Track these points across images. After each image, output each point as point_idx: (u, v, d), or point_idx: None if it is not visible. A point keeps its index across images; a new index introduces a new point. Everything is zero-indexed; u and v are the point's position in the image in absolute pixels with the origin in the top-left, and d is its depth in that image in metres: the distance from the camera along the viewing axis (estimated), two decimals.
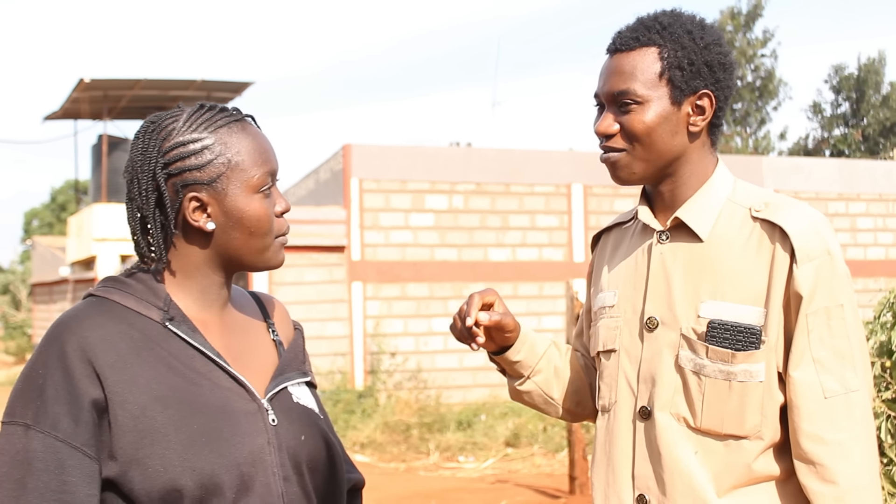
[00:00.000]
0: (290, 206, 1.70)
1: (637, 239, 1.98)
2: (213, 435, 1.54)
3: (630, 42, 1.86)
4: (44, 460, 1.48)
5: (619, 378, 1.91)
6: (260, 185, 1.65)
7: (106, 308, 1.60)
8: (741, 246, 1.82)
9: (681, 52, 1.84)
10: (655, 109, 1.84)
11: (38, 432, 1.49)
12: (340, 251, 12.88)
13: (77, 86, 19.05)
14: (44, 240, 28.22)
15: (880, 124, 34.83)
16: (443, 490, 8.88)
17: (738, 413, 1.79)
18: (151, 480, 1.49)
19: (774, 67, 35.11)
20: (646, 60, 1.85)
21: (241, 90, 20.15)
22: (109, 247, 18.34)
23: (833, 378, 1.75)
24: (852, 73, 35.93)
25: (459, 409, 12.26)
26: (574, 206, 13.91)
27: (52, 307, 23.16)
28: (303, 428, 1.68)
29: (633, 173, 1.89)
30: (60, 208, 47.98)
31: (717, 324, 1.79)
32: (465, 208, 13.47)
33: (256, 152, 1.66)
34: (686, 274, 1.85)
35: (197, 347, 1.61)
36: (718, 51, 1.86)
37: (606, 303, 1.98)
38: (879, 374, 4.00)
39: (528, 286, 13.55)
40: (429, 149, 14.19)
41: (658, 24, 1.86)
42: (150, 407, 1.52)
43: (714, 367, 1.79)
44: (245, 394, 1.62)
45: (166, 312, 1.61)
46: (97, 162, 20.39)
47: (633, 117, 1.85)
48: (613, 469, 1.89)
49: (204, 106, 1.68)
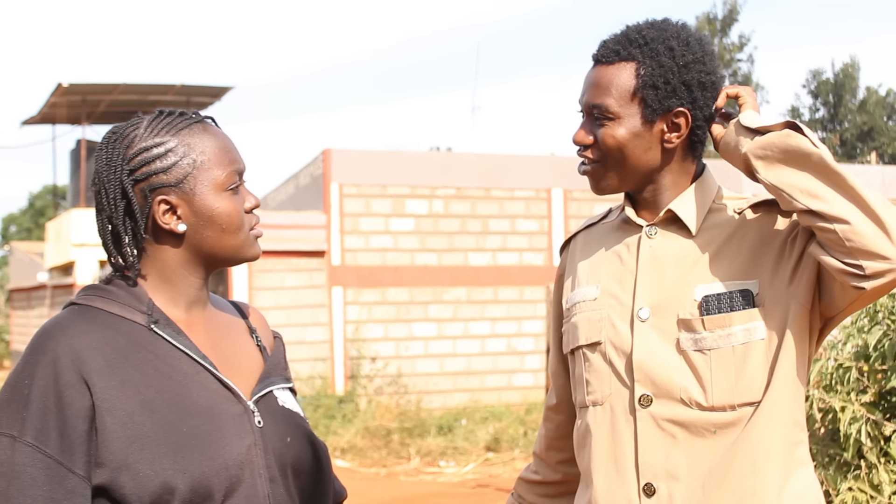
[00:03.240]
0: (259, 202, 1.72)
1: (616, 236, 2.00)
2: (202, 438, 1.54)
3: (611, 55, 1.88)
4: (31, 475, 1.47)
5: (609, 370, 1.91)
6: (228, 183, 1.66)
7: (90, 315, 1.59)
8: (729, 238, 1.89)
9: (657, 71, 1.85)
10: (627, 126, 1.87)
11: (24, 445, 1.47)
12: (321, 256, 12.86)
13: (55, 90, 18.93)
14: (21, 245, 28.03)
15: (858, 129, 35.11)
16: (424, 495, 8.87)
17: (747, 378, 1.82)
18: (143, 485, 1.49)
19: (751, 72, 35.33)
20: (622, 76, 1.87)
21: (221, 95, 20.08)
22: (88, 252, 18.22)
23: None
24: (829, 78, 36.20)
25: (440, 413, 12.25)
26: (554, 210, 13.93)
27: (30, 313, 23.00)
28: (288, 430, 1.68)
29: (609, 185, 1.94)
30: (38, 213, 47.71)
31: (710, 296, 1.85)
32: (445, 213, 13.48)
33: (221, 151, 1.67)
34: (677, 265, 1.89)
35: (182, 350, 1.61)
36: (700, 69, 1.87)
37: (587, 297, 1.98)
38: (857, 378, 4.03)
39: (509, 290, 13.56)
40: (409, 153, 14.20)
41: (641, 39, 1.87)
42: (138, 412, 1.52)
43: (713, 336, 1.83)
44: (231, 396, 1.62)
45: (150, 316, 1.61)
46: (75, 167, 20.26)
47: (605, 132, 1.88)
48: (615, 461, 1.89)
49: (163, 112, 1.68)
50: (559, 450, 2.17)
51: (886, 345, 3.96)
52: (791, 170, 1.76)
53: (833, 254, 1.73)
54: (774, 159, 1.77)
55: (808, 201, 1.74)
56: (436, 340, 13.32)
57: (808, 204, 1.74)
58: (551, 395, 2.19)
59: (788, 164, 1.76)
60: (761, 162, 1.79)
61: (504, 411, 12.28)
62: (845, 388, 3.99)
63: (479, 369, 13.41)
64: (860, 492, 3.74)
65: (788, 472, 1.84)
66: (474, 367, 13.45)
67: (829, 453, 4.06)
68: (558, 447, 2.17)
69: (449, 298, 13.40)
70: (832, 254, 1.73)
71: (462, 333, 13.43)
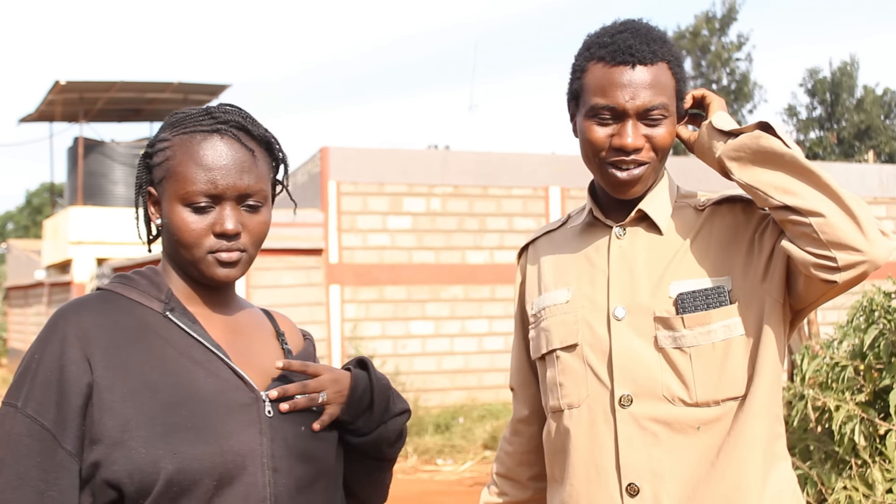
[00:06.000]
0: (232, 230, 1.65)
1: (583, 238, 2.01)
2: (200, 422, 1.56)
3: (649, 56, 1.86)
4: (27, 445, 1.52)
5: (586, 372, 1.91)
6: (188, 201, 1.63)
7: (108, 298, 1.65)
8: (696, 236, 1.92)
9: (679, 68, 1.91)
10: (674, 122, 1.91)
11: (24, 416, 1.53)
12: (318, 254, 12.86)
13: (53, 88, 18.92)
14: (19, 243, 28.02)
15: (855, 127, 35.11)
16: (421, 493, 8.88)
17: (730, 373, 1.84)
18: (133, 462, 1.51)
19: (749, 71, 35.38)
20: (666, 74, 1.88)
21: (219, 93, 20.07)
22: (85, 250, 18.22)
23: None
24: (826, 76, 36.20)
25: (437, 411, 12.27)
26: (551, 208, 13.94)
27: (27, 311, 22.99)
28: (303, 420, 1.68)
29: (647, 186, 1.93)
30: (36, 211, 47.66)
31: (686, 294, 1.86)
32: (442, 211, 13.48)
33: (199, 167, 1.64)
34: (649, 263, 1.91)
35: (195, 337, 1.64)
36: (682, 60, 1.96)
37: (557, 300, 1.99)
38: (853, 377, 4.04)
39: (506, 289, 13.56)
40: (406, 151, 14.19)
41: (659, 38, 1.89)
42: (140, 391, 1.55)
43: (693, 334, 1.85)
44: (241, 385, 1.63)
45: (167, 304, 1.65)
46: (73, 164, 20.24)
47: (665, 131, 1.88)
48: (595, 463, 1.88)
49: (194, 110, 1.71)
50: (530, 464, 2.15)
51: (882, 344, 3.97)
52: (764, 169, 1.79)
53: (806, 248, 1.75)
54: (748, 160, 1.81)
55: (783, 197, 1.77)
56: (433, 338, 13.33)
57: (784, 200, 1.77)
58: (520, 407, 2.16)
59: (761, 164, 1.80)
60: (735, 163, 1.82)
61: (501, 409, 12.29)
62: (841, 386, 4.00)
63: (476, 367, 13.42)
64: (854, 490, 3.75)
65: (769, 466, 1.86)
66: (472, 365, 13.46)
67: (824, 451, 4.07)
68: (529, 461, 2.15)
69: (446, 296, 13.40)
70: (805, 248, 1.75)
71: (459, 331, 13.44)
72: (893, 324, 4.00)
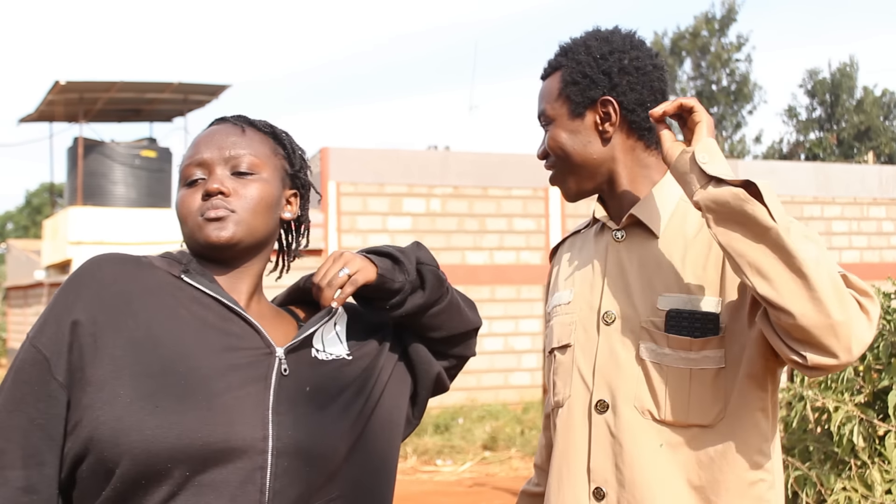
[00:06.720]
0: (216, 188, 1.67)
1: (595, 241, 2.03)
2: (197, 378, 1.54)
3: (546, 70, 2.00)
4: (27, 372, 1.57)
5: (573, 372, 1.93)
6: (185, 178, 1.72)
7: (133, 258, 1.68)
8: (694, 240, 1.87)
9: (576, 68, 1.93)
10: (560, 125, 1.95)
11: (31, 346, 1.58)
12: (318, 254, 12.86)
13: (52, 88, 18.90)
14: (18, 243, 28.00)
15: (855, 128, 35.14)
16: (421, 493, 8.88)
17: (702, 402, 1.80)
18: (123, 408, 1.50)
19: (749, 71, 35.40)
20: (553, 83, 1.97)
21: (218, 93, 20.04)
22: (85, 250, 18.20)
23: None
24: (826, 77, 36.23)
25: (437, 412, 12.26)
26: (551, 209, 13.95)
27: (26, 311, 22.98)
28: (313, 379, 1.66)
29: (570, 188, 2.01)
30: (35, 211, 47.67)
31: (675, 313, 1.82)
32: (442, 212, 13.48)
33: (191, 148, 1.74)
34: (641, 269, 1.90)
35: (212, 295, 1.65)
36: (619, 57, 1.91)
37: (562, 301, 2.02)
38: (852, 377, 4.04)
39: (506, 289, 13.57)
40: (406, 152, 14.19)
41: (564, 48, 1.98)
42: (143, 343, 1.56)
43: (675, 356, 1.82)
44: (258, 339, 1.64)
45: (185, 266, 1.68)
46: (73, 165, 20.22)
47: (548, 136, 1.97)
48: (568, 463, 1.90)
49: (226, 115, 1.81)
50: None
51: (881, 345, 3.98)
52: (742, 238, 1.65)
53: (780, 333, 1.66)
54: (727, 219, 1.66)
55: (756, 280, 1.64)
56: None
57: (756, 285, 1.64)
58: (549, 400, 2.18)
59: (740, 230, 1.65)
60: (711, 216, 1.68)
61: (501, 410, 12.30)
62: (840, 387, 4.00)
63: (475, 368, 13.42)
64: (853, 491, 3.75)
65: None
66: (471, 365, 13.33)
67: (823, 452, 4.08)
68: None
69: None
70: (778, 332, 1.66)
71: None
72: (893, 325, 4.00)
